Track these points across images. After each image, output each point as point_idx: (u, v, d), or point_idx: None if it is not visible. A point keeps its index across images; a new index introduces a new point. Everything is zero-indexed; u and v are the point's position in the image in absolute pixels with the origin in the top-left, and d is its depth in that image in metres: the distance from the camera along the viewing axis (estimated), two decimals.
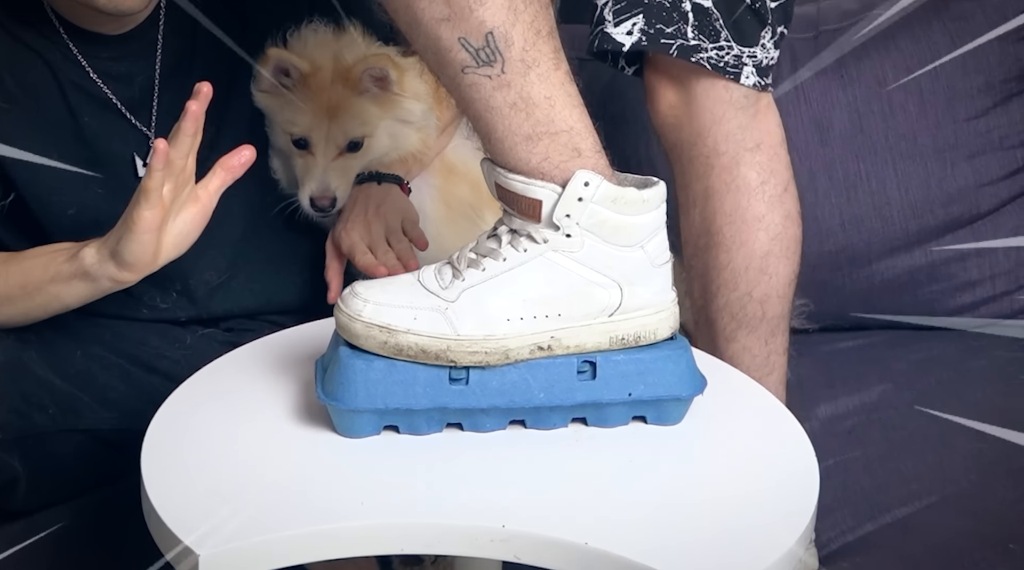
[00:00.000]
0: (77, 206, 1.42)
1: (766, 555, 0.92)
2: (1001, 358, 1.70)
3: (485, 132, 1.03)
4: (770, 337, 1.35)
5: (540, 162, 1.02)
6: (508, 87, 1.01)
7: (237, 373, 1.15)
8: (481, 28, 0.98)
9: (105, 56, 1.43)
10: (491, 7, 0.98)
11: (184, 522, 0.92)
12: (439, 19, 0.99)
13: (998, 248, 1.77)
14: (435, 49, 1.01)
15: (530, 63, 1.00)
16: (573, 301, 1.02)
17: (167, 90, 1.45)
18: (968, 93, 1.75)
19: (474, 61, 1.00)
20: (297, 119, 1.47)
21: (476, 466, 1.01)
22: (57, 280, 1.25)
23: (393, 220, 1.45)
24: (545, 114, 1.01)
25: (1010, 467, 1.45)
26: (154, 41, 1.45)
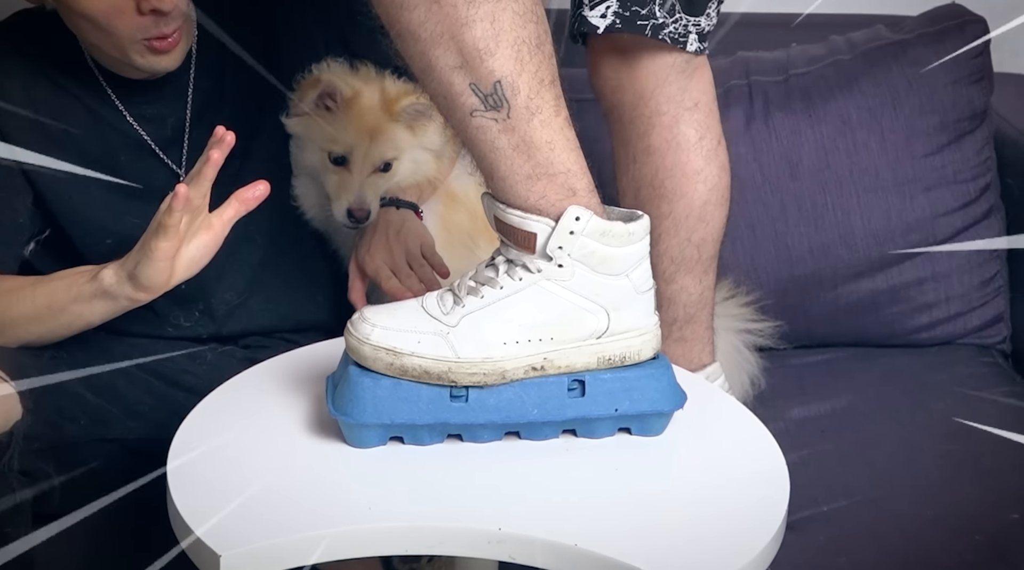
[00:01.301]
0: (114, 237, 1.41)
1: (743, 554, 0.93)
2: (960, 372, 1.70)
3: (489, 170, 1.03)
4: (703, 276, 1.35)
5: (538, 200, 1.02)
6: (512, 131, 1.01)
7: (255, 388, 1.15)
8: (490, 77, 0.99)
9: (139, 100, 1.44)
10: (500, 58, 0.99)
11: (207, 525, 0.92)
12: (452, 67, 0.99)
13: (952, 273, 1.77)
14: (447, 93, 1.01)
15: (534, 110, 1.01)
16: (564, 325, 1.02)
17: (197, 129, 1.46)
18: (925, 132, 1.75)
19: (482, 105, 1.00)
20: (340, 137, 1.47)
21: (474, 474, 1.01)
22: (79, 300, 1.25)
23: (413, 245, 1.45)
24: (545, 157, 1.01)
25: (976, 466, 1.45)
26: (185, 85, 1.45)
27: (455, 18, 0.97)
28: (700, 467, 1.05)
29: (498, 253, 1.05)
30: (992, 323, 1.78)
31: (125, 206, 1.43)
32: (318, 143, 1.49)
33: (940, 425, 1.56)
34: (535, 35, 1.00)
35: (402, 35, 1.00)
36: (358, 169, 1.48)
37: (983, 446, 1.49)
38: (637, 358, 1.05)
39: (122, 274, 1.21)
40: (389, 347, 1.01)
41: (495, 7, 0.98)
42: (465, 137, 1.03)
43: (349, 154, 1.48)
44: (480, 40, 0.98)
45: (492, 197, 1.05)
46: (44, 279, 1.29)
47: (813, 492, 1.38)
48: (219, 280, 1.48)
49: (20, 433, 1.21)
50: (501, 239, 1.05)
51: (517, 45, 0.99)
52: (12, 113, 1.40)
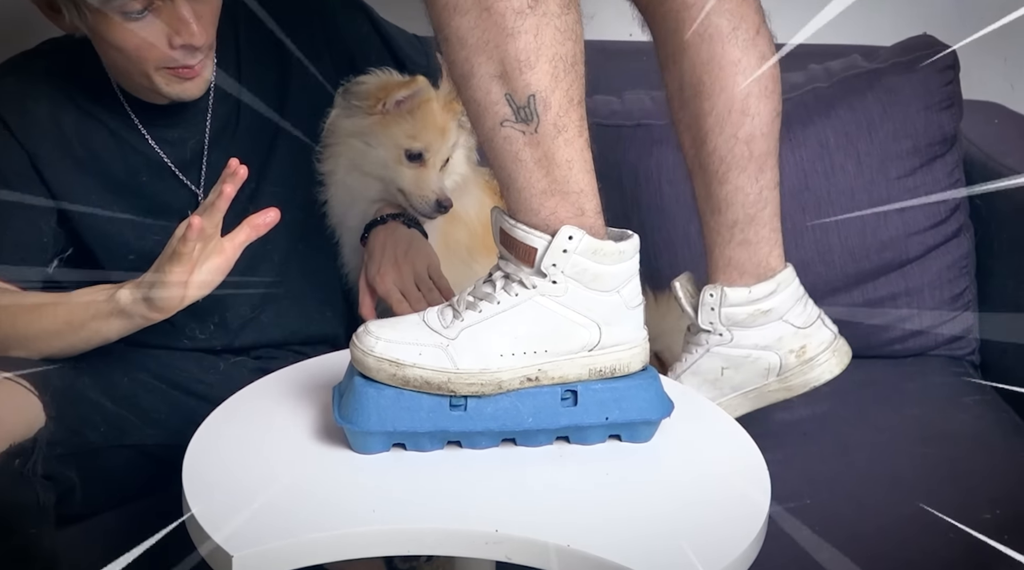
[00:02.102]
0: (136, 253, 1.42)
1: (727, 553, 0.93)
2: (933, 382, 1.70)
3: (507, 181, 1.03)
4: (759, 174, 1.27)
5: (548, 215, 1.02)
6: (537, 145, 1.00)
7: (266, 397, 1.15)
8: (526, 90, 0.98)
9: (161, 123, 1.44)
10: (538, 72, 0.98)
11: (220, 527, 0.93)
12: (492, 75, 0.99)
13: (924, 288, 1.76)
14: (482, 101, 1.00)
15: (560, 128, 1.00)
16: (558, 339, 1.03)
17: (214, 151, 1.46)
18: (898, 155, 1.74)
19: (514, 116, 0.99)
20: (420, 134, 1.48)
21: (472, 479, 1.01)
22: (97, 317, 1.25)
23: (420, 267, 1.44)
24: (563, 175, 1.01)
25: (950, 469, 1.45)
26: (204, 109, 1.45)
27: (502, 27, 0.97)
28: (686, 472, 1.05)
29: (496, 269, 1.05)
30: (962, 336, 1.78)
31: (147, 225, 1.43)
32: (395, 141, 1.49)
33: (915, 430, 1.56)
34: (572, 53, 1.00)
35: (449, 39, 1.00)
36: (433, 163, 1.50)
37: (956, 450, 1.50)
38: (627, 370, 1.06)
39: (137, 295, 1.21)
40: (392, 359, 1.01)
41: (540, 21, 0.97)
42: (491, 146, 1.02)
43: (426, 150, 1.49)
44: (522, 52, 0.97)
45: (502, 211, 1.05)
46: (64, 296, 1.30)
47: (797, 486, 1.37)
48: (235, 296, 1.47)
49: (43, 439, 1.21)
50: (500, 254, 1.05)
51: (555, 61, 0.99)
52: (40, 136, 1.40)
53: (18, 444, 1.17)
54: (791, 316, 1.28)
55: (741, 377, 1.29)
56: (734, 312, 1.26)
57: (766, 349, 1.27)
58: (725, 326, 1.27)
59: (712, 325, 1.27)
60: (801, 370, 1.29)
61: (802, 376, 1.29)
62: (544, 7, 0.97)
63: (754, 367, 1.29)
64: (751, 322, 1.26)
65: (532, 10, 0.97)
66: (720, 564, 0.92)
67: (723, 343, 1.28)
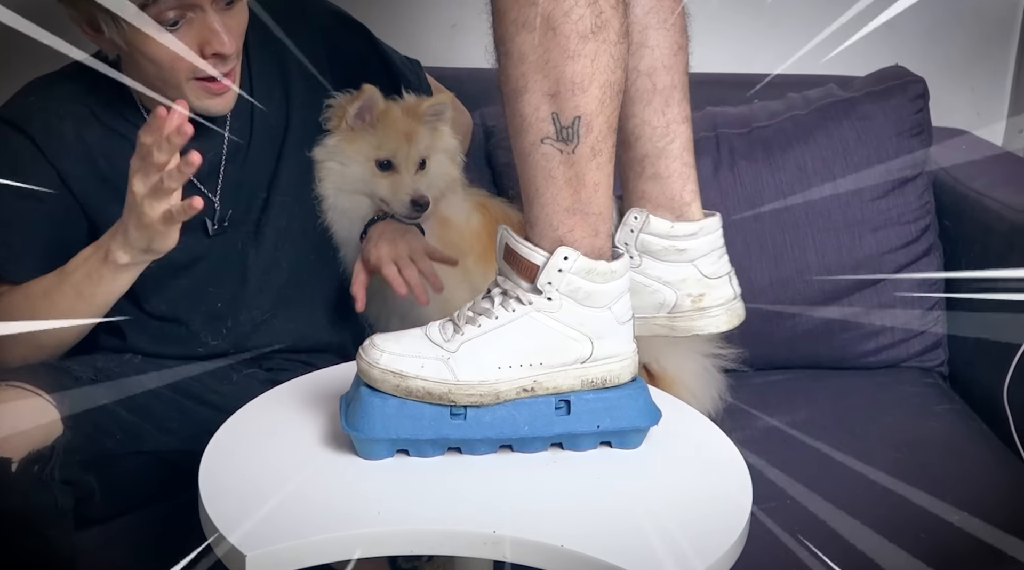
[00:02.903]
0: (157, 261, 1.40)
1: (712, 552, 0.94)
2: (905, 391, 1.70)
3: (533, 195, 1.01)
4: (665, 108, 1.18)
5: (566, 233, 1.01)
6: (572, 166, 0.99)
7: (277, 407, 1.15)
8: (574, 111, 0.97)
9: None
10: (588, 96, 0.97)
11: (234, 528, 0.93)
12: (545, 93, 0.97)
13: (896, 304, 1.76)
14: (529, 116, 0.98)
15: (596, 152, 0.99)
16: (552, 352, 1.03)
17: (231, 163, 1.45)
18: (872, 178, 1.75)
19: (556, 135, 0.98)
20: (384, 143, 1.48)
21: (472, 483, 1.02)
22: (103, 281, 1.27)
23: (415, 244, 1.44)
24: (588, 196, 1.00)
25: (922, 473, 1.45)
26: (221, 124, 1.45)
27: (564, 49, 0.95)
28: (673, 476, 1.06)
29: (494, 285, 1.05)
30: (932, 348, 1.78)
31: None
32: (364, 154, 1.49)
33: (889, 436, 1.56)
34: (619, 81, 0.99)
35: (510, 53, 0.98)
36: (405, 168, 1.49)
37: (927, 455, 1.50)
38: (617, 381, 1.06)
39: (136, 246, 1.22)
40: (396, 370, 1.01)
41: (599, 47, 0.96)
42: (527, 159, 1.00)
43: (394, 157, 1.49)
44: (578, 75, 0.96)
45: (508, 230, 1.04)
46: (62, 273, 1.29)
47: (777, 488, 1.38)
48: (249, 300, 1.47)
49: (61, 447, 1.20)
50: (500, 270, 1.05)
51: (604, 87, 0.98)
52: (66, 152, 1.39)
53: (36, 451, 1.16)
54: (702, 263, 1.21)
55: (634, 302, 1.17)
56: (651, 241, 1.18)
57: (667, 285, 1.19)
58: (638, 252, 1.18)
59: (626, 247, 1.18)
60: (691, 315, 1.21)
61: (690, 321, 1.21)
62: (605, 34, 0.96)
63: (650, 298, 1.20)
64: (663, 256, 1.19)
65: (594, 36, 0.95)
66: (706, 562, 0.92)
67: (631, 266, 1.17)
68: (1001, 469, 1.48)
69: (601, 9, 0.95)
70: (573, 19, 0.95)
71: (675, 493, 1.03)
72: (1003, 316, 1.63)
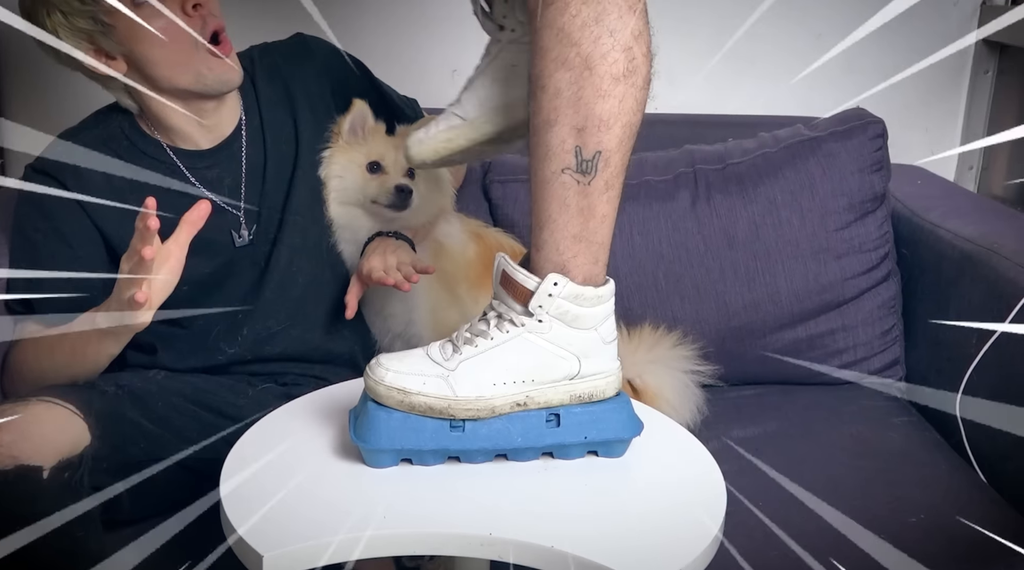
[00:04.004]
0: (188, 283, 1.39)
1: (690, 551, 0.94)
2: (867, 405, 1.70)
3: (545, 220, 1.00)
4: None
5: (570, 258, 1.00)
6: (586, 196, 0.98)
7: (291, 419, 1.16)
8: (596, 146, 0.96)
9: (202, 166, 1.44)
10: (611, 134, 0.96)
11: (252, 530, 0.94)
12: (573, 127, 0.96)
13: (858, 325, 1.77)
14: (555, 147, 0.97)
15: (609, 186, 0.99)
16: (543, 370, 1.03)
17: (248, 188, 1.46)
18: (836, 211, 1.76)
19: (576, 167, 0.97)
20: (373, 149, 1.49)
21: (470, 489, 1.02)
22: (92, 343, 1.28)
23: (404, 257, 1.43)
24: (596, 226, 1.00)
25: (883, 479, 1.45)
26: (237, 152, 1.46)
27: (597, 88, 0.95)
28: (654, 482, 1.06)
29: (490, 308, 1.05)
30: (890, 366, 1.78)
31: (194, 257, 1.43)
32: (356, 162, 1.50)
33: (852, 446, 1.56)
34: (638, 123, 0.98)
35: (546, 88, 0.97)
36: (392, 168, 1.49)
37: (887, 463, 1.50)
38: (602, 395, 1.06)
39: (114, 320, 1.21)
40: (400, 387, 1.02)
41: (627, 91, 0.96)
42: (545, 186, 0.99)
43: (382, 159, 1.49)
44: (606, 113, 0.95)
45: (506, 258, 1.03)
46: (68, 328, 1.30)
47: (751, 494, 1.35)
48: (266, 312, 1.47)
49: (88, 455, 1.20)
50: (495, 294, 1.05)
51: (626, 127, 0.97)
52: (95, 193, 1.40)
53: (66, 459, 1.16)
54: None
55: None
56: None
57: None
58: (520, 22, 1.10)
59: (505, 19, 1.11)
60: None
61: None
62: (634, 79, 0.96)
63: None
64: None
65: (625, 79, 0.95)
66: (685, 560, 0.93)
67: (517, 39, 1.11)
68: (953, 475, 1.48)
69: (634, 55, 0.95)
70: (609, 62, 0.94)
71: (656, 498, 1.03)
72: (954, 337, 1.64)
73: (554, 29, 0.95)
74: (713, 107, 2.02)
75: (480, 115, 1.11)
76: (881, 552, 1.26)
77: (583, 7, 0.94)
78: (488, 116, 1.11)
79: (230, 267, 1.47)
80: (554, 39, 0.95)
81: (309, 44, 1.52)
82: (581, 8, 0.94)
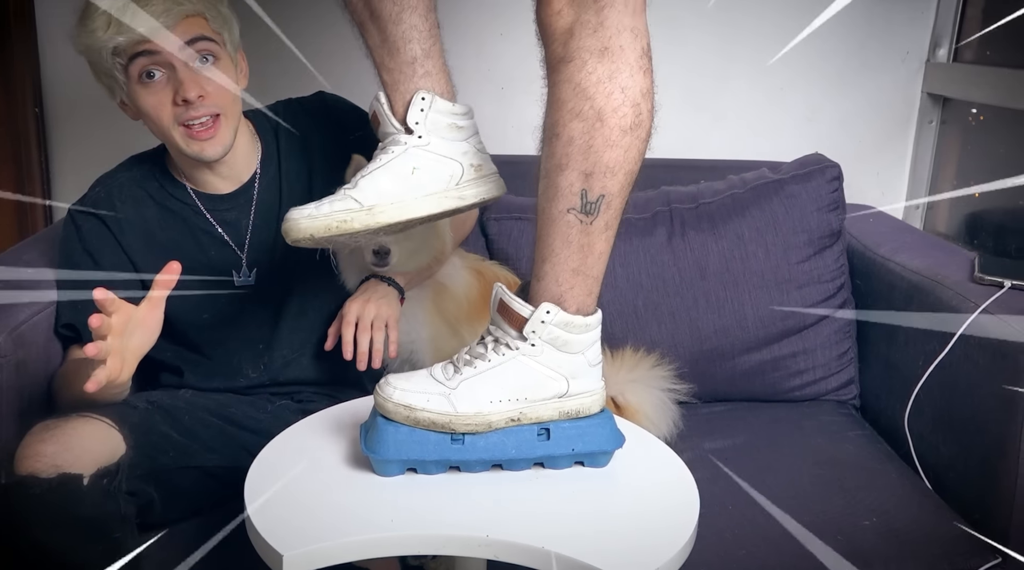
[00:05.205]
0: (208, 311, 1.42)
1: (667, 550, 0.94)
2: (825, 419, 1.69)
3: (548, 254, 0.99)
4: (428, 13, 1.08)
5: (567, 289, 0.99)
6: (587, 234, 0.98)
7: (308, 433, 1.16)
8: (601, 190, 0.96)
9: (222, 209, 1.45)
10: (615, 180, 0.96)
11: (273, 531, 0.94)
12: (582, 172, 0.96)
13: (817, 348, 1.76)
14: (564, 190, 0.97)
15: (609, 225, 0.98)
16: (535, 389, 1.03)
17: (260, 229, 1.46)
18: (797, 245, 1.75)
19: (581, 208, 0.97)
20: None
21: (469, 495, 1.02)
22: None
23: (384, 311, 1.39)
24: (594, 262, 0.99)
25: (839, 486, 1.45)
26: (252, 197, 1.46)
27: (607, 138, 0.95)
28: (634, 489, 1.06)
29: (487, 333, 1.05)
30: (846, 384, 1.77)
31: (212, 287, 1.44)
32: None
33: (812, 456, 1.55)
34: (638, 171, 0.98)
35: (560, 136, 0.96)
36: None
37: (843, 472, 1.49)
38: (588, 412, 1.06)
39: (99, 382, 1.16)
40: (406, 404, 1.02)
41: (633, 141, 0.96)
42: (551, 223, 0.98)
43: None
44: (613, 161, 0.95)
45: (503, 288, 1.03)
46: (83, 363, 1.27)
47: (722, 499, 1.37)
48: (281, 340, 1.47)
49: (125, 464, 1.20)
50: (492, 320, 1.05)
51: (628, 174, 0.97)
52: (129, 228, 1.42)
53: (104, 467, 1.16)
54: (476, 141, 1.12)
55: (427, 178, 1.10)
56: (438, 119, 1.09)
57: (453, 159, 1.10)
58: (427, 130, 1.09)
59: (416, 126, 1.08)
60: (475, 181, 1.11)
61: (475, 188, 1.12)
62: (639, 132, 0.96)
63: (443, 172, 1.10)
64: (446, 133, 1.09)
65: (632, 131, 0.95)
66: (663, 558, 0.93)
67: (421, 145, 1.09)
68: (903, 482, 1.48)
69: (641, 111, 0.96)
70: (619, 115, 0.95)
71: (636, 503, 1.03)
72: (903, 359, 1.64)
73: (571, 84, 0.95)
74: (687, 153, 2.02)
75: (378, 205, 1.07)
76: (832, 556, 1.26)
77: (598, 65, 0.95)
78: (384, 208, 1.07)
79: (237, 304, 1.46)
80: (571, 93, 0.95)
81: (328, 101, 1.53)
82: (596, 66, 0.95)
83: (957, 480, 1.46)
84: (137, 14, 1.28)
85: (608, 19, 0.94)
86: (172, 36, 1.31)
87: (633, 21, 0.95)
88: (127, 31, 1.29)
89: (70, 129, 2.02)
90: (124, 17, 1.28)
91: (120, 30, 1.29)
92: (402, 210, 1.08)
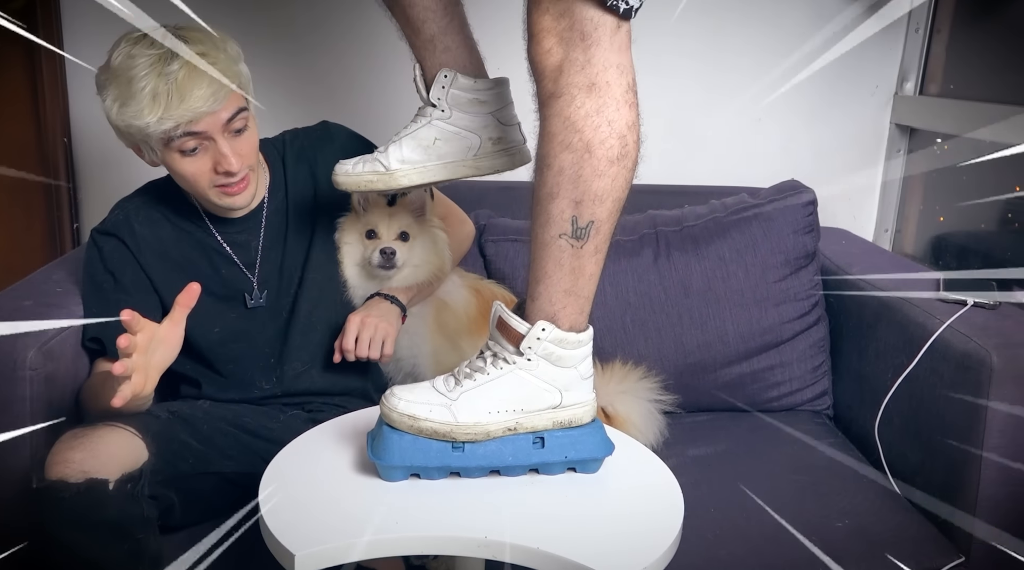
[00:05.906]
0: (220, 326, 1.42)
1: (654, 550, 0.95)
2: (800, 428, 1.67)
3: (540, 276, 0.99)
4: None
5: (559, 309, 0.99)
6: (578, 258, 0.97)
7: (319, 440, 1.16)
8: (591, 217, 0.96)
9: (232, 231, 1.45)
10: (603, 207, 0.96)
11: (286, 532, 0.94)
12: (571, 200, 0.95)
13: (793, 362, 1.76)
14: (555, 216, 0.96)
15: (598, 249, 0.98)
16: (531, 400, 1.03)
17: (269, 251, 1.45)
18: (775, 266, 1.75)
19: (571, 233, 0.96)
20: (371, 219, 1.46)
21: (468, 499, 1.02)
22: None
23: (383, 328, 1.40)
24: (585, 283, 0.99)
25: (814, 491, 1.45)
26: (261, 220, 1.46)
27: (595, 168, 0.94)
28: (623, 493, 1.06)
29: (486, 348, 1.06)
30: (820, 396, 1.77)
31: (224, 305, 1.44)
32: (358, 231, 1.47)
33: (788, 463, 1.55)
34: (625, 198, 0.98)
35: (551, 166, 0.96)
36: (385, 234, 1.46)
37: (817, 477, 1.49)
38: (580, 422, 1.06)
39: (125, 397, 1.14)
40: (410, 414, 1.02)
41: (619, 171, 0.95)
42: (544, 249, 0.98)
43: (376, 227, 1.46)
44: (600, 190, 0.95)
45: (502, 305, 1.03)
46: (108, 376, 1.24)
47: (705, 502, 1.37)
48: (291, 354, 1.46)
49: (147, 470, 1.20)
50: (491, 336, 1.05)
51: (616, 202, 0.97)
52: (147, 249, 1.42)
53: (128, 473, 1.16)
54: (501, 114, 1.16)
55: (447, 149, 1.15)
56: (459, 95, 1.13)
57: (472, 132, 1.14)
58: (448, 106, 1.13)
59: (439, 101, 1.12)
60: (492, 154, 1.16)
61: (491, 160, 1.16)
62: (626, 161, 0.96)
63: (460, 143, 1.15)
64: (468, 108, 1.13)
65: (619, 161, 0.95)
66: (650, 557, 0.94)
67: (443, 118, 1.14)
68: (873, 487, 1.48)
69: (627, 142, 0.96)
70: (606, 147, 0.95)
71: (625, 507, 1.03)
72: (873, 372, 1.64)
73: (561, 118, 0.95)
74: (672, 179, 2.02)
75: (398, 170, 1.15)
76: (807, 555, 1.27)
77: (587, 100, 0.95)
78: (406, 172, 1.16)
79: (248, 323, 1.46)
80: (561, 126, 0.96)
81: (331, 130, 1.53)
82: (585, 101, 0.95)
83: (924, 484, 1.46)
84: (185, 98, 1.24)
85: (595, 56, 0.94)
86: (218, 116, 1.29)
87: (619, 58, 0.95)
88: (176, 116, 1.25)
89: (96, 157, 2.03)
90: (172, 100, 1.24)
91: (168, 113, 1.25)
92: (422, 175, 1.16)
